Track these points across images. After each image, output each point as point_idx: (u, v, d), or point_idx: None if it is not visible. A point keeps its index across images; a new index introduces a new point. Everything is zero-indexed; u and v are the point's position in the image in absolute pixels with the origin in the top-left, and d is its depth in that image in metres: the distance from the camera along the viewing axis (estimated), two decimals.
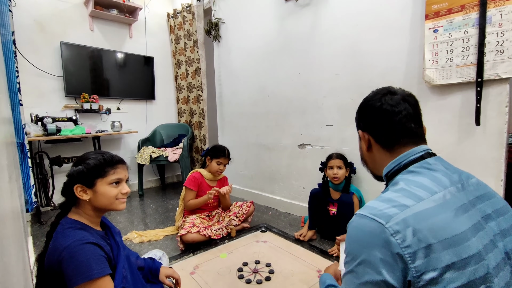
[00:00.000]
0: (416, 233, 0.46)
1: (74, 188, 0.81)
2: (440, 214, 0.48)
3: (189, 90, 3.37)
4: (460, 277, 0.45)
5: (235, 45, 2.72)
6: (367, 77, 1.71)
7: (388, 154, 0.63)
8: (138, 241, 1.81)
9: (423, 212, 0.48)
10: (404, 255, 0.45)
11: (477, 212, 0.52)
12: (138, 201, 2.77)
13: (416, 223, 0.47)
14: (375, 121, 0.64)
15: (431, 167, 0.57)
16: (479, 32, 1.24)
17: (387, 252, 0.47)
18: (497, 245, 0.50)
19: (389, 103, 0.63)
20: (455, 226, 0.47)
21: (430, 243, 0.45)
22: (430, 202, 0.49)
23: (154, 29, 3.29)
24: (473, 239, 0.47)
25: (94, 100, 2.68)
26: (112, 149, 3.03)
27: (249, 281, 1.33)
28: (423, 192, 0.51)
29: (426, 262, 0.45)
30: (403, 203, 0.50)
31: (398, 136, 0.62)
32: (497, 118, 1.25)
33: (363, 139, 0.68)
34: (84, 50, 2.71)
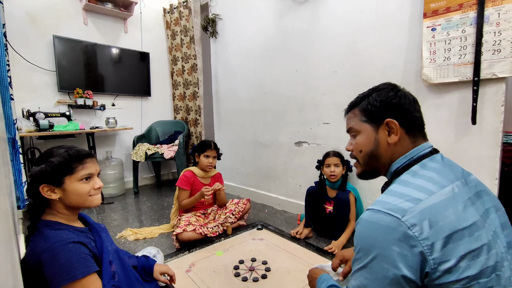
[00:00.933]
0: (432, 225, 0.47)
1: (40, 189, 0.76)
2: (452, 207, 0.50)
3: (185, 86, 3.34)
4: (474, 265, 0.47)
5: (232, 42, 2.70)
6: (365, 75, 1.71)
7: (410, 145, 0.63)
8: (133, 239, 1.79)
9: (437, 205, 0.50)
10: (423, 247, 0.46)
11: (480, 205, 0.55)
12: (133, 199, 2.75)
13: (431, 216, 0.48)
14: (409, 111, 0.64)
15: (438, 162, 0.59)
16: (477, 31, 1.24)
17: (405, 246, 0.47)
18: (499, 236, 0.54)
19: (410, 95, 0.66)
20: (466, 218, 0.49)
21: (446, 234, 0.47)
22: (441, 196, 0.51)
23: (150, 24, 3.24)
24: (482, 230, 0.50)
25: (88, 96, 2.64)
26: (106, 145, 2.99)
27: (245, 279, 1.32)
28: (433, 186, 0.53)
29: (443, 253, 0.46)
30: (416, 197, 0.51)
31: (421, 125, 0.65)
32: (493, 117, 1.26)
33: (392, 131, 0.64)
34: (77, 45, 2.66)
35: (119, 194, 2.83)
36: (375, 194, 1.72)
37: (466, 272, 0.46)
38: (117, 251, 0.91)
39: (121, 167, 2.87)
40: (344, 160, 1.72)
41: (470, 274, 0.46)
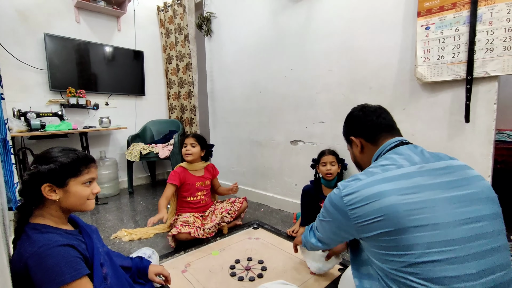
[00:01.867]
0: (356, 196, 0.66)
1: (42, 188, 0.75)
2: (379, 184, 0.64)
3: (180, 85, 3.31)
4: (380, 216, 0.61)
5: (227, 40, 2.68)
6: (360, 74, 1.71)
7: (375, 148, 0.81)
8: (128, 239, 1.77)
9: (366, 183, 0.66)
10: (347, 210, 0.67)
11: (428, 181, 0.64)
12: (128, 199, 2.72)
13: (358, 190, 0.66)
14: (362, 124, 0.84)
15: (399, 152, 0.73)
16: (470, 30, 1.25)
17: (340, 209, 0.70)
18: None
19: (369, 110, 0.86)
20: (382, 190, 0.63)
21: (362, 203, 0.64)
22: (377, 177, 0.66)
23: (143, 23, 3.20)
24: (392, 197, 0.61)
25: (81, 95, 2.60)
26: (100, 145, 2.95)
27: (241, 279, 1.32)
28: (378, 170, 0.68)
29: (359, 212, 0.65)
30: (359, 177, 0.69)
31: (380, 130, 0.81)
32: (486, 115, 1.27)
33: (355, 144, 0.86)
34: (69, 43, 2.61)
35: (113, 194, 2.80)
36: None
37: (378, 220, 0.62)
38: (108, 253, 0.89)
39: (115, 167, 2.84)
40: (339, 158, 1.72)
41: (380, 220, 0.61)
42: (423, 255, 0.56)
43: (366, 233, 0.64)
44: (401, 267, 0.58)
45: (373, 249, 0.65)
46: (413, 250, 0.56)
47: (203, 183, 1.91)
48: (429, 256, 0.55)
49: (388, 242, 0.60)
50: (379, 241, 0.62)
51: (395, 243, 0.59)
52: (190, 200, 1.87)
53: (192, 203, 1.88)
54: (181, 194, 1.87)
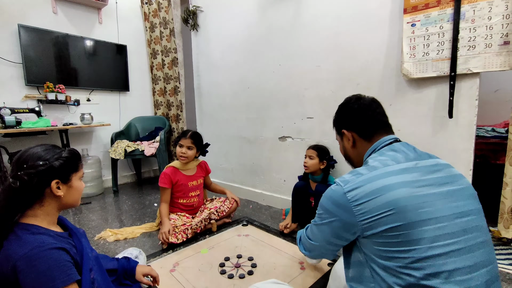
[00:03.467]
0: (360, 192, 0.64)
1: (52, 184, 0.75)
2: (383, 178, 0.63)
3: (166, 81, 3.23)
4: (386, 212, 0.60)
5: (214, 35, 2.63)
6: (348, 69, 1.72)
7: (369, 144, 0.79)
8: (113, 240, 1.71)
9: (370, 177, 0.65)
10: (352, 206, 0.64)
11: (418, 175, 0.64)
12: (113, 198, 2.64)
13: (361, 185, 0.64)
14: (357, 119, 0.81)
15: (396, 148, 0.73)
16: (454, 27, 1.28)
17: (343, 206, 0.66)
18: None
19: (364, 103, 0.82)
20: (388, 183, 0.62)
21: (368, 198, 0.62)
22: (380, 171, 0.65)
23: (126, 15, 3.08)
24: (399, 190, 0.61)
25: (60, 90, 2.47)
26: (83, 143, 2.83)
27: (231, 276, 1.30)
28: (378, 164, 0.68)
29: (365, 208, 0.62)
30: (360, 172, 0.68)
31: (376, 127, 0.79)
32: (468, 111, 1.31)
33: (347, 138, 0.84)
34: (46, 35, 2.48)
35: (97, 193, 2.71)
36: None
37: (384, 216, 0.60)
38: (97, 258, 0.86)
39: (98, 165, 2.74)
40: (323, 155, 1.72)
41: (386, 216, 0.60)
42: (428, 250, 0.55)
43: (373, 230, 0.61)
44: (406, 263, 0.56)
45: (376, 247, 0.61)
46: (419, 244, 0.56)
47: (196, 182, 1.85)
48: (434, 250, 0.55)
49: (394, 238, 0.58)
50: (385, 238, 0.59)
51: (402, 238, 0.57)
52: (182, 202, 1.81)
53: (184, 205, 1.82)
54: (173, 195, 1.79)
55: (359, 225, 0.63)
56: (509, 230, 1.33)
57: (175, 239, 1.56)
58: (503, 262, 1.33)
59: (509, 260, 1.35)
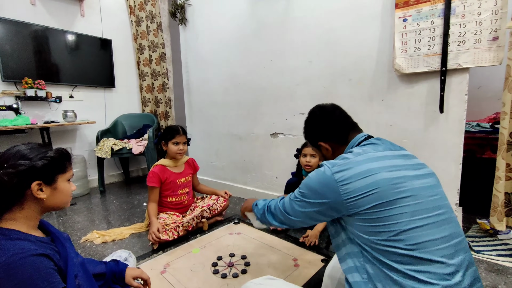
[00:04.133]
0: (347, 173, 0.69)
1: (33, 186, 0.69)
2: (367, 163, 0.70)
3: (154, 77, 3.14)
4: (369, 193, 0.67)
5: (203, 30, 2.57)
6: (340, 65, 1.71)
7: (341, 145, 0.86)
8: (100, 242, 1.65)
9: (355, 161, 0.71)
10: (338, 186, 0.70)
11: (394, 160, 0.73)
12: (99, 198, 2.55)
13: (348, 167, 0.70)
14: (328, 128, 0.87)
15: (373, 142, 0.80)
16: (444, 22, 1.29)
17: (330, 186, 0.71)
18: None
19: (327, 111, 0.89)
20: (371, 167, 0.69)
21: (354, 179, 0.68)
22: (363, 157, 0.72)
23: (110, 8, 2.96)
24: (382, 173, 0.68)
25: (40, 86, 2.35)
26: (65, 142, 2.72)
27: (224, 276, 1.28)
28: (362, 151, 0.74)
29: (350, 188, 0.68)
30: (346, 157, 0.74)
31: (347, 130, 0.86)
32: (458, 106, 1.33)
33: (325, 149, 0.89)
34: (24, 28, 2.34)
35: (82, 194, 2.61)
36: None
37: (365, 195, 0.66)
38: (83, 263, 0.81)
39: (83, 164, 2.64)
40: None
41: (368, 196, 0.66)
42: (409, 223, 0.63)
43: (357, 208, 0.67)
44: (389, 237, 0.63)
45: (361, 224, 0.68)
46: (401, 219, 0.63)
47: (184, 179, 1.80)
48: (414, 223, 0.63)
49: (378, 214, 0.65)
50: (369, 214, 0.66)
51: (385, 214, 0.64)
52: (171, 201, 1.76)
53: (173, 203, 1.77)
54: (162, 194, 1.74)
55: (345, 204, 0.69)
56: (502, 223, 1.36)
57: (167, 236, 1.52)
58: (490, 253, 1.37)
59: (496, 251, 1.38)
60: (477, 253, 1.36)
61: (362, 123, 1.62)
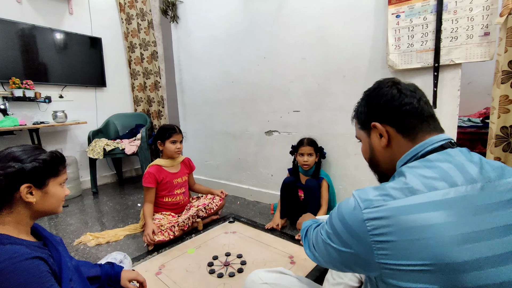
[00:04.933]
0: (387, 224, 0.44)
1: (21, 189, 0.66)
2: (426, 213, 0.42)
3: (146, 76, 3.09)
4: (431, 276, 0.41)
5: (195, 27, 2.53)
6: (334, 62, 1.71)
7: (410, 144, 0.56)
8: (94, 244, 1.62)
9: (406, 207, 0.44)
10: (371, 241, 0.46)
11: (489, 220, 0.42)
12: (92, 199, 2.50)
13: (391, 214, 0.44)
14: (396, 108, 0.57)
15: (447, 158, 0.49)
16: (437, 18, 1.29)
17: (358, 235, 0.48)
18: None
19: (407, 88, 0.59)
20: (432, 222, 0.42)
21: (398, 237, 0.43)
22: (421, 198, 0.44)
23: (100, 6, 2.90)
24: (446, 238, 0.40)
25: (28, 86, 2.29)
26: (56, 143, 2.66)
27: (221, 275, 1.27)
28: (421, 186, 0.45)
29: (390, 249, 0.44)
30: (391, 194, 0.46)
31: (422, 121, 0.56)
32: (451, 101, 1.34)
33: (378, 133, 0.60)
34: (9, 26, 2.27)
35: (74, 195, 2.56)
36: (346, 180, 1.76)
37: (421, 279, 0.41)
38: (77, 267, 0.79)
39: (75, 166, 2.59)
40: (317, 148, 1.72)
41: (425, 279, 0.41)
42: None
43: (397, 281, 0.44)
44: None
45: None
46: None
47: (181, 179, 1.78)
48: None
49: None
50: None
51: None
52: (167, 201, 1.73)
53: (169, 204, 1.75)
54: (158, 194, 1.71)
55: (377, 267, 0.46)
56: None
57: (163, 236, 1.50)
58: None
59: None
60: None
61: None
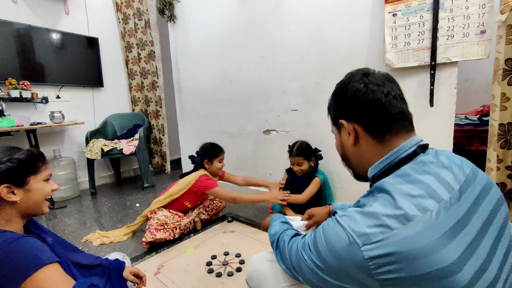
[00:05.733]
0: (394, 262, 0.41)
1: (1, 188, 0.68)
2: (424, 239, 0.41)
3: (143, 76, 3.08)
4: None
5: (192, 27, 2.53)
6: (331, 60, 1.71)
7: (379, 146, 0.54)
8: (99, 243, 1.61)
9: (408, 239, 0.41)
10: (374, 274, 0.42)
11: (474, 226, 0.45)
12: (91, 200, 2.50)
13: (395, 250, 0.41)
14: (361, 105, 0.54)
15: (425, 169, 0.48)
16: (433, 17, 1.30)
17: (359, 271, 0.44)
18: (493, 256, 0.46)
19: (374, 82, 0.54)
20: (443, 257, 0.40)
21: (403, 264, 0.40)
22: (419, 224, 0.42)
23: (96, 6, 2.88)
24: (464, 269, 0.41)
25: (25, 87, 2.28)
26: (53, 143, 2.65)
27: (219, 275, 1.27)
28: (414, 210, 0.43)
29: (396, 274, 0.41)
30: (388, 224, 0.42)
31: (391, 120, 0.53)
32: (447, 99, 1.34)
33: (346, 131, 0.58)
34: (6, 27, 2.26)
35: (72, 196, 2.55)
36: (344, 178, 1.77)
37: None
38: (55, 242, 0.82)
39: (73, 166, 2.58)
40: (309, 153, 1.69)
41: None
42: None
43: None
44: None
45: None
46: None
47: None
48: None
49: None
50: None
51: None
52: (186, 205, 1.71)
53: (183, 207, 1.72)
54: (185, 198, 1.67)
55: (378, 283, 0.43)
56: None
57: (164, 234, 1.50)
58: None
59: None
60: None
61: None
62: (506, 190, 1.36)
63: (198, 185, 1.65)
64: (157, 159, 3.19)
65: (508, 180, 1.34)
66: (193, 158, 1.75)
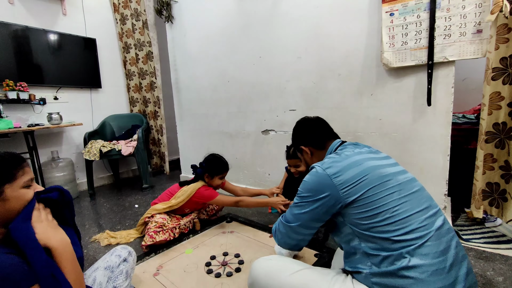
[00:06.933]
0: (337, 167, 0.80)
1: None
2: (352, 157, 0.82)
3: (141, 76, 3.08)
4: (362, 181, 0.77)
5: (190, 27, 2.52)
6: (329, 60, 1.71)
7: (323, 151, 0.98)
8: (106, 244, 1.60)
9: (341, 157, 0.83)
10: (332, 179, 0.78)
11: (375, 156, 0.85)
12: (89, 201, 2.49)
13: (336, 163, 0.81)
14: (310, 135, 1.01)
15: (346, 146, 0.92)
16: (430, 16, 1.30)
17: (326, 180, 0.80)
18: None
19: (312, 121, 1.06)
20: (357, 159, 0.81)
21: (344, 171, 0.78)
22: (347, 154, 0.84)
23: (93, 6, 2.88)
24: (367, 162, 0.80)
25: (22, 88, 2.27)
26: (51, 145, 2.64)
27: (218, 275, 1.27)
28: (340, 153, 0.87)
29: (343, 178, 0.77)
30: (332, 157, 0.86)
31: (325, 137, 1.00)
32: (445, 98, 1.35)
33: (306, 152, 1.02)
34: (3, 28, 2.25)
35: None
36: None
37: (361, 186, 0.75)
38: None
39: (71, 168, 2.57)
40: None
41: (363, 185, 0.75)
42: (398, 202, 0.73)
43: (352, 196, 0.74)
44: (383, 219, 0.71)
45: (357, 211, 0.75)
46: (391, 199, 0.73)
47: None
48: (400, 201, 0.73)
49: (371, 199, 0.73)
50: (364, 200, 0.74)
51: (377, 197, 0.73)
52: (184, 212, 1.72)
53: (182, 213, 1.72)
54: (186, 206, 1.68)
55: (341, 194, 0.76)
56: (479, 210, 1.39)
57: (164, 236, 1.49)
58: (478, 241, 1.40)
59: (483, 238, 1.42)
60: (465, 242, 1.40)
61: (352, 118, 1.65)
62: (499, 190, 1.36)
63: (198, 197, 1.64)
64: (155, 160, 3.19)
65: (501, 180, 1.34)
66: (195, 169, 1.73)
